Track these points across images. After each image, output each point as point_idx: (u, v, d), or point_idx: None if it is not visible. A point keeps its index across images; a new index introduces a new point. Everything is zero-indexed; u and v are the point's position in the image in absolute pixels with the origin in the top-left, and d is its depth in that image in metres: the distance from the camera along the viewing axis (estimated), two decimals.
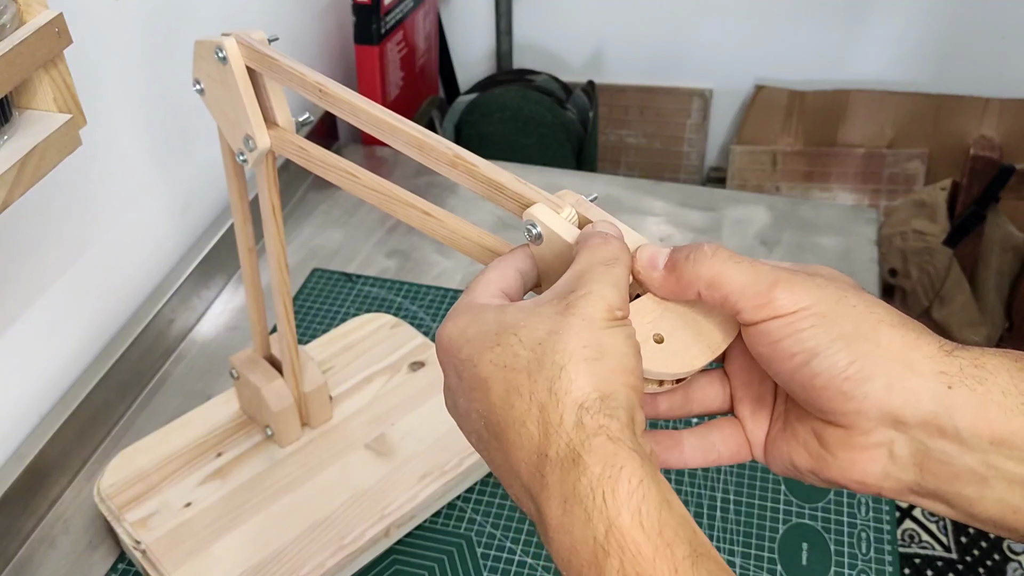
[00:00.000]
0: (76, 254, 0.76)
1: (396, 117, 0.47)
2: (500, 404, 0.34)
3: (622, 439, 0.31)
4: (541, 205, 0.42)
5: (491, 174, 0.44)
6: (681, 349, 0.39)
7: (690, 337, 0.39)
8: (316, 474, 0.71)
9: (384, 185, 0.50)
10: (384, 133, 0.48)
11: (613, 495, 0.30)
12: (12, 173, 0.51)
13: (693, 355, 0.39)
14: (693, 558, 0.30)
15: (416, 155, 0.47)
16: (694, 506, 0.73)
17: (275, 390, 0.70)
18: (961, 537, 1.09)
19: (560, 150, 1.31)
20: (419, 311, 0.92)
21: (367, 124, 0.49)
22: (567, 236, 0.40)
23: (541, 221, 0.41)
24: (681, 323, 0.39)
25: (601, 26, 1.49)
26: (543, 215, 0.41)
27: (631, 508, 0.30)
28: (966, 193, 1.51)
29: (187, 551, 0.66)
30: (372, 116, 0.48)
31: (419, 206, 0.48)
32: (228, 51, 0.53)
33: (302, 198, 1.08)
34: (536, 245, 0.42)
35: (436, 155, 0.46)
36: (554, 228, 0.41)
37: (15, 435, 0.72)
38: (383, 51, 1.13)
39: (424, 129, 0.46)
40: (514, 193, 0.43)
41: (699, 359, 0.39)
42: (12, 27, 0.50)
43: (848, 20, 1.43)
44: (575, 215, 0.42)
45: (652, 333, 0.39)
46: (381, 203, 0.50)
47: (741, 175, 1.56)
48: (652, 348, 0.38)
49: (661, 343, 0.39)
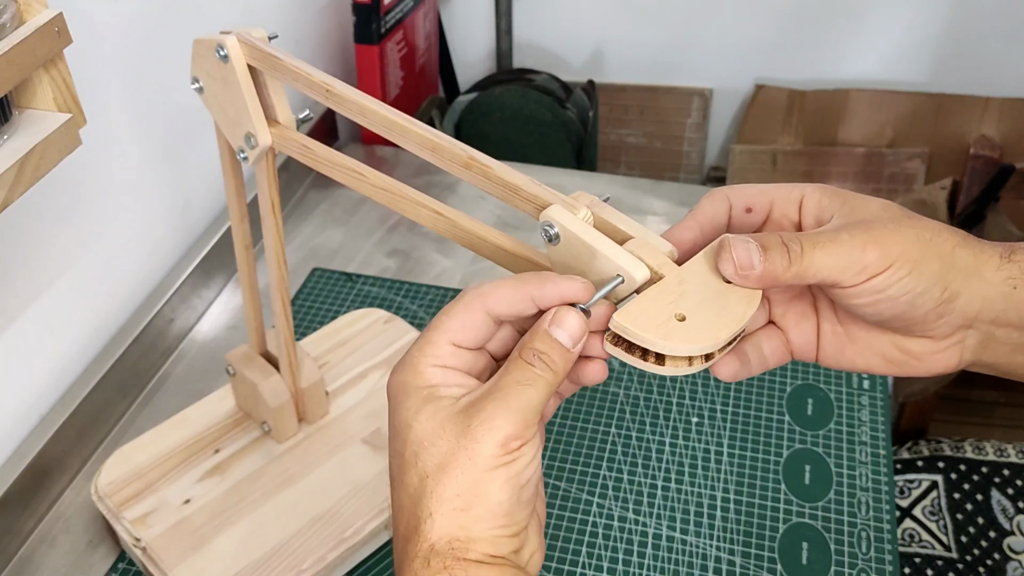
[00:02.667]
0: (76, 254, 0.76)
1: (407, 118, 0.47)
2: (395, 508, 0.39)
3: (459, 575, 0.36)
4: (558, 206, 0.42)
5: (506, 176, 0.44)
6: (704, 325, 0.39)
7: (712, 313, 0.40)
8: (314, 469, 0.71)
9: (393, 184, 0.50)
10: (395, 134, 0.47)
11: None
12: (12, 173, 0.51)
13: (716, 329, 0.39)
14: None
15: (429, 156, 0.46)
16: (694, 505, 0.73)
17: (272, 386, 0.70)
18: (961, 537, 1.09)
19: (560, 150, 1.31)
20: (419, 310, 0.92)
21: (376, 125, 0.48)
22: (585, 236, 0.41)
23: (559, 222, 0.42)
24: (702, 300, 0.40)
25: (601, 26, 1.49)
26: (560, 216, 0.42)
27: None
28: (966, 193, 1.51)
29: (188, 547, 0.66)
30: (382, 117, 0.48)
31: (430, 206, 0.48)
32: (229, 49, 0.53)
33: (302, 198, 1.08)
34: (554, 246, 0.42)
35: (449, 156, 0.45)
36: (572, 229, 0.42)
37: (15, 435, 0.72)
38: (383, 51, 1.13)
39: (436, 131, 0.46)
40: (530, 195, 0.43)
41: (723, 333, 0.39)
42: (12, 26, 0.50)
43: (848, 20, 1.43)
44: (591, 216, 0.43)
45: (674, 313, 0.39)
46: (390, 202, 0.50)
47: (741, 174, 1.56)
48: (675, 327, 0.39)
49: (684, 322, 0.39)
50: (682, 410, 0.81)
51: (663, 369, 0.40)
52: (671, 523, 0.72)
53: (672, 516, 0.73)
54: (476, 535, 0.37)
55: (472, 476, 0.36)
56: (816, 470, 0.76)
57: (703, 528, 0.72)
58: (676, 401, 0.82)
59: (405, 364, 0.40)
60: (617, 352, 0.41)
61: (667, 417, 0.81)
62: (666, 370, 0.40)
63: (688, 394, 0.82)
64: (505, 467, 0.37)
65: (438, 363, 0.40)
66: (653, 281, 0.41)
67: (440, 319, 0.40)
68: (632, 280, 0.41)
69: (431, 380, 0.39)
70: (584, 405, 0.82)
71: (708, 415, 0.81)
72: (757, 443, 0.78)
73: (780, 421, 0.80)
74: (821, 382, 0.84)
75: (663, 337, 0.39)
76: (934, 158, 1.53)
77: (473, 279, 0.96)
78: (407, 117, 0.47)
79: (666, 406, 0.82)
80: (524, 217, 0.46)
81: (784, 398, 0.82)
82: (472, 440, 0.37)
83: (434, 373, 0.39)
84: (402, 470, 0.38)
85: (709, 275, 0.42)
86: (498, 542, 0.37)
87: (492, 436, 0.37)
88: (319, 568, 0.65)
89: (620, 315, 0.40)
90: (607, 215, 0.43)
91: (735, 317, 0.40)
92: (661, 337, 0.39)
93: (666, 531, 0.72)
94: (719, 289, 0.41)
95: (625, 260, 0.41)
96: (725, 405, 0.82)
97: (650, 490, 0.75)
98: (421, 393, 0.39)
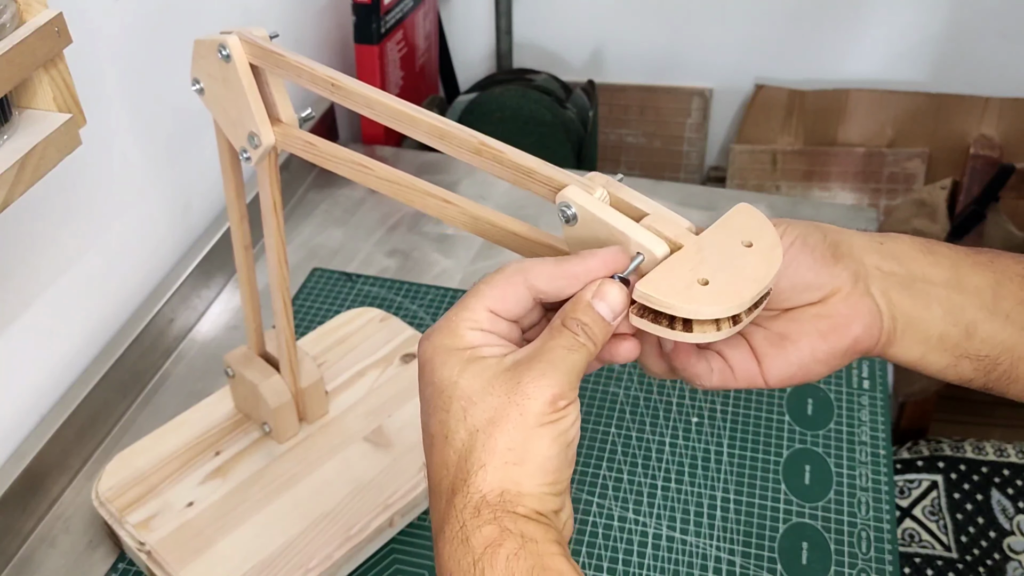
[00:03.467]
0: (76, 254, 0.76)
1: (414, 107, 0.47)
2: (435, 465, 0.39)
3: (510, 528, 0.37)
4: (574, 187, 0.42)
5: (520, 159, 0.44)
6: (728, 286, 0.39)
7: (734, 275, 0.40)
8: (316, 468, 0.71)
9: (399, 175, 0.50)
10: (403, 124, 0.47)
11: (491, 567, 0.36)
12: (12, 173, 0.51)
13: (740, 290, 0.40)
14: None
15: (438, 144, 0.46)
16: (694, 505, 0.73)
17: (272, 386, 0.70)
18: (961, 537, 1.09)
19: (560, 149, 1.31)
20: (419, 310, 0.92)
21: (383, 116, 0.48)
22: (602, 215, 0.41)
23: (576, 202, 0.42)
24: (723, 264, 0.40)
25: (601, 26, 1.49)
26: (578, 196, 0.42)
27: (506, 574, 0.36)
28: (966, 192, 1.51)
29: (193, 550, 0.66)
30: (389, 108, 0.48)
31: (439, 195, 0.48)
32: (232, 48, 0.53)
33: (302, 197, 1.08)
34: (571, 226, 0.42)
35: (459, 143, 0.45)
36: (590, 208, 0.42)
37: (15, 435, 0.72)
38: (383, 50, 1.13)
39: (444, 118, 0.46)
40: (545, 177, 0.43)
41: (747, 293, 0.40)
42: (12, 26, 0.50)
43: (848, 19, 1.43)
44: (607, 195, 0.43)
45: (696, 278, 0.40)
46: (397, 193, 0.50)
47: (741, 174, 1.55)
48: (699, 290, 0.39)
49: (707, 286, 0.39)
50: (682, 410, 0.81)
51: (691, 336, 0.40)
52: (671, 523, 0.72)
53: (672, 516, 0.73)
54: (526, 490, 0.37)
55: (523, 431, 0.37)
56: (816, 470, 0.76)
57: (703, 528, 0.72)
58: (676, 401, 0.82)
59: (441, 328, 0.40)
60: (644, 324, 0.41)
61: (667, 417, 0.81)
62: (694, 336, 0.40)
63: (688, 394, 0.82)
64: (552, 424, 0.38)
65: (476, 327, 0.40)
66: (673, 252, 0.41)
67: (479, 287, 0.41)
68: (652, 256, 0.41)
69: (472, 342, 0.40)
70: (584, 405, 0.82)
71: (708, 415, 0.81)
72: (757, 443, 0.78)
73: (780, 421, 0.80)
74: (821, 382, 0.84)
75: (688, 301, 0.39)
76: (934, 158, 1.53)
77: (473, 279, 0.96)
78: (414, 106, 0.47)
79: (666, 406, 0.82)
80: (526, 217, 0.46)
81: (784, 398, 0.82)
82: (523, 396, 0.38)
83: (474, 336, 0.40)
84: (447, 427, 0.39)
85: (727, 241, 0.42)
86: (544, 499, 0.38)
87: (542, 393, 0.38)
88: (326, 567, 0.65)
89: (643, 284, 0.40)
90: (622, 194, 0.43)
91: (758, 277, 0.40)
92: (686, 301, 0.39)
93: (666, 531, 0.72)
94: (739, 253, 0.41)
95: (644, 236, 0.41)
96: (725, 405, 0.82)
97: (650, 490, 0.75)
98: (463, 354, 0.40)
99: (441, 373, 0.39)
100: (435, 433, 0.39)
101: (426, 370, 0.40)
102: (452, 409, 0.38)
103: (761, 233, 0.42)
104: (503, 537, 0.36)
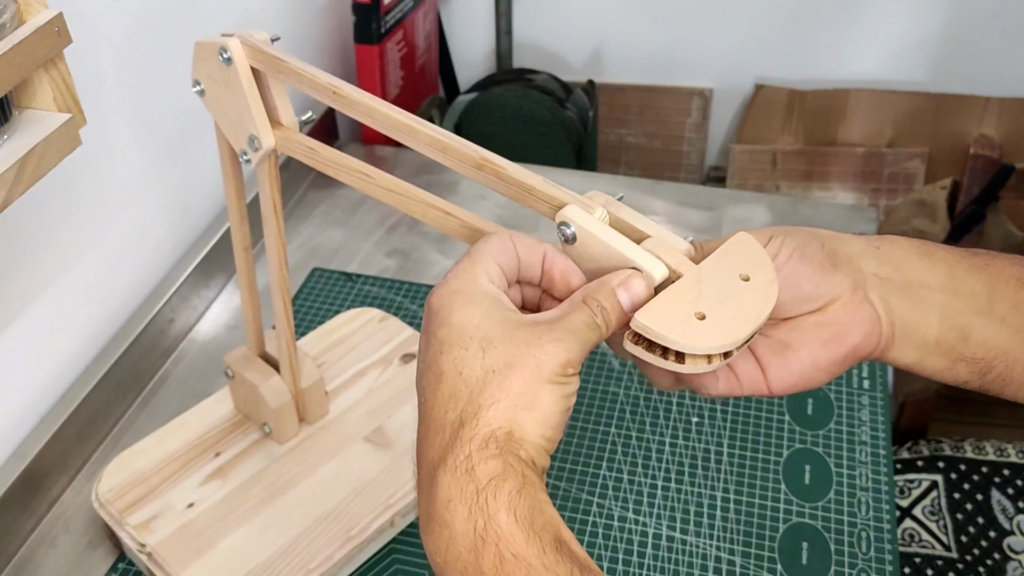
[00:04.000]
0: (76, 254, 0.76)
1: (415, 119, 0.47)
2: (441, 399, 0.40)
3: (513, 466, 0.38)
4: (574, 206, 0.42)
5: (520, 177, 0.44)
6: (724, 323, 0.40)
7: (731, 311, 0.40)
8: (317, 469, 0.71)
9: (400, 185, 0.50)
10: (403, 135, 0.47)
11: (494, 498, 0.37)
12: (12, 173, 0.51)
13: (736, 328, 0.40)
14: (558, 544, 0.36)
15: (439, 157, 0.46)
16: (694, 505, 0.73)
17: (272, 387, 0.70)
18: (961, 537, 1.09)
19: (560, 149, 1.31)
20: (419, 310, 0.92)
21: (384, 126, 0.48)
22: (602, 236, 0.42)
23: (576, 222, 0.42)
24: (720, 298, 0.41)
25: (601, 26, 1.49)
26: (577, 216, 0.42)
27: (508, 508, 0.37)
28: (966, 192, 1.51)
29: (194, 551, 0.66)
30: (390, 118, 0.48)
31: (439, 206, 0.48)
32: (233, 52, 0.53)
33: (302, 198, 1.08)
34: (570, 246, 0.43)
35: (460, 158, 0.45)
36: (589, 228, 0.42)
37: (15, 435, 0.72)
38: (383, 51, 1.13)
39: (445, 131, 0.46)
40: (545, 195, 0.44)
41: (742, 331, 0.40)
42: (12, 26, 0.50)
43: (847, 19, 1.43)
44: (607, 215, 0.43)
45: (694, 311, 0.40)
46: (398, 203, 0.50)
47: (741, 174, 1.55)
48: (696, 325, 0.40)
49: (703, 320, 0.40)
50: (682, 410, 0.81)
51: (682, 367, 0.40)
52: (671, 523, 0.72)
53: (672, 516, 0.73)
54: (528, 436, 0.39)
55: (537, 382, 0.39)
56: (816, 470, 0.76)
57: (703, 528, 0.72)
58: (676, 401, 0.82)
59: (458, 276, 0.42)
60: (638, 351, 0.41)
61: (667, 417, 0.81)
62: (686, 368, 0.40)
63: (688, 394, 0.82)
64: (560, 386, 0.39)
65: (491, 280, 0.42)
66: (671, 280, 0.42)
67: (480, 247, 0.42)
68: (651, 279, 0.41)
69: (491, 291, 0.41)
70: (584, 405, 0.82)
71: (708, 415, 0.81)
72: (757, 443, 0.78)
73: (780, 421, 0.80)
74: None
75: (684, 336, 0.39)
76: (934, 158, 1.53)
77: None
78: (415, 118, 0.47)
79: (666, 406, 0.81)
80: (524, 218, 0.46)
81: (784, 398, 0.82)
82: (542, 351, 0.39)
83: (491, 287, 0.42)
84: (463, 363, 0.40)
85: (726, 273, 0.42)
86: (540, 452, 0.39)
87: (558, 354, 0.39)
88: (327, 567, 0.65)
89: (641, 314, 0.40)
90: (623, 214, 0.43)
91: (753, 315, 0.41)
92: (682, 336, 0.39)
93: (666, 531, 0.72)
94: (737, 287, 0.41)
95: (643, 259, 0.42)
96: (725, 405, 0.82)
97: (650, 490, 0.75)
98: (485, 299, 0.41)
99: (461, 315, 0.40)
100: (446, 369, 0.40)
101: (442, 313, 0.41)
102: (471, 347, 0.40)
103: (759, 267, 0.43)
104: (508, 473, 0.37)
